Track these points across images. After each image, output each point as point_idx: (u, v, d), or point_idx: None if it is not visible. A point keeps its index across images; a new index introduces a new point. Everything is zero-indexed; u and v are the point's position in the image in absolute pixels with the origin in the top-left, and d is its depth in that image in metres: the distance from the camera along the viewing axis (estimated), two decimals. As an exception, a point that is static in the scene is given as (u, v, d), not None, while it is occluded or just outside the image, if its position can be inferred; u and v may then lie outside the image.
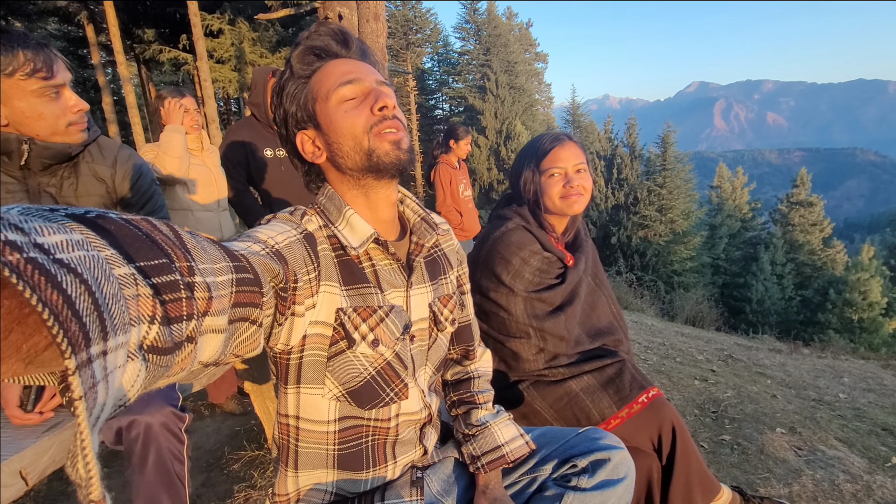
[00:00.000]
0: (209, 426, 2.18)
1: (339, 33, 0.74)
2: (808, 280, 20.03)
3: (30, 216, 0.25)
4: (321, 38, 0.73)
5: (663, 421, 1.14)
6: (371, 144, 0.70)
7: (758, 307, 17.77)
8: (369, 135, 0.70)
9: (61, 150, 1.07)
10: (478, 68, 25.20)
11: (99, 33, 12.64)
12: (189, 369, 0.38)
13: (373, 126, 0.70)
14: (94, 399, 0.25)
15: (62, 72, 1.01)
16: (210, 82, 10.99)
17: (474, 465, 0.86)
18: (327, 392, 0.72)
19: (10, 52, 0.93)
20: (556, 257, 1.25)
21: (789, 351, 4.69)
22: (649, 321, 6.04)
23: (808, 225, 21.87)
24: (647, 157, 20.57)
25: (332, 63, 0.73)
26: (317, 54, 0.73)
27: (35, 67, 0.96)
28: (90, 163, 1.17)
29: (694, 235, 19.11)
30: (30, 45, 0.95)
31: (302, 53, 0.72)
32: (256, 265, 0.49)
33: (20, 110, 0.98)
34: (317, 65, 0.73)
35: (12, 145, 1.01)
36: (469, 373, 0.97)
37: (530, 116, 24.89)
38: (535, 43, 32.91)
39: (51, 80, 0.99)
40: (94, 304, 0.25)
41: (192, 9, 10.33)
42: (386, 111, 0.71)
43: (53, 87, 1.00)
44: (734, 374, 3.05)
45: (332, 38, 0.73)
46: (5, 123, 1.00)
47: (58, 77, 1.00)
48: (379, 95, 0.71)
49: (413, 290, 0.78)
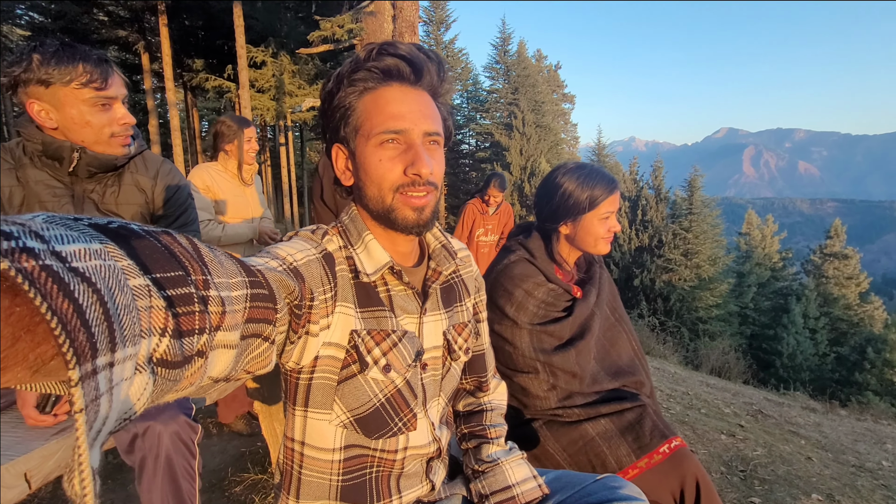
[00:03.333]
0: (215, 445, 2.15)
1: (415, 61, 0.67)
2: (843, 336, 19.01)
3: (52, 224, 0.25)
4: (395, 58, 0.66)
5: (686, 475, 1.06)
6: (393, 203, 0.67)
7: (789, 362, 16.87)
8: (395, 193, 0.67)
9: (108, 160, 1.13)
10: (505, 106, 25.80)
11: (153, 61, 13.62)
12: (199, 384, 0.37)
13: (400, 187, 0.67)
14: (95, 412, 0.24)
15: (116, 86, 1.09)
16: (250, 109, 11.57)
17: None
18: (335, 418, 0.70)
19: (72, 63, 1.01)
20: (562, 290, 1.22)
21: (824, 410, 4.40)
22: (672, 368, 5.79)
23: (844, 278, 20.98)
24: (672, 200, 20.34)
25: (391, 90, 0.67)
26: (384, 71, 0.66)
27: (91, 78, 1.03)
28: (134, 173, 1.23)
29: (721, 282, 18.53)
30: (90, 59, 1.04)
31: (370, 66, 0.66)
32: (272, 281, 0.48)
33: (70, 116, 1.05)
34: (376, 84, 0.67)
35: (65, 152, 1.08)
36: (482, 405, 0.93)
37: (555, 155, 25.13)
38: (562, 84, 33.64)
39: (103, 91, 1.06)
40: (105, 314, 0.24)
41: (240, 41, 11.03)
42: (418, 179, 0.66)
43: (105, 97, 1.07)
44: (764, 431, 2.87)
45: (406, 62, 0.66)
46: (55, 127, 1.07)
47: (111, 90, 1.07)
48: (417, 158, 0.65)
49: (427, 316, 0.76)
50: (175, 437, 1.01)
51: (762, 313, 19.95)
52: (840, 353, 17.55)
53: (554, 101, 31.22)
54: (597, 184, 1.15)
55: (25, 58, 1.00)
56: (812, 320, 18.58)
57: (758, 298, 20.48)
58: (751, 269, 21.06)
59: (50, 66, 1.00)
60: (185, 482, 1.02)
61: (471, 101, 28.04)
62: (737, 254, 22.04)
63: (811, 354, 17.35)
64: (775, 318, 19.19)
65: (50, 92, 1.02)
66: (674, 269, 18.44)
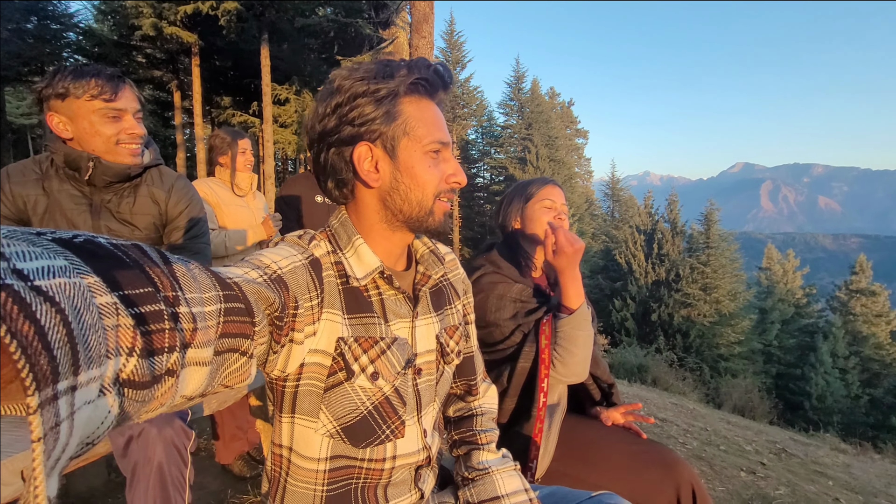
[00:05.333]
0: (217, 466, 2.12)
1: (446, 76, 0.71)
2: (876, 377, 18.07)
3: (13, 240, 0.24)
4: (432, 72, 0.69)
5: (681, 483, 1.03)
6: (433, 207, 0.71)
7: (819, 404, 16.04)
8: (435, 198, 0.71)
9: (121, 170, 1.22)
10: (519, 141, 26.33)
11: (184, 99, 14.43)
12: (170, 403, 0.36)
13: (441, 193, 0.71)
14: (55, 440, 0.23)
15: (126, 99, 1.18)
16: (272, 143, 12.07)
17: None
18: (321, 427, 0.69)
19: (85, 78, 1.12)
20: (532, 287, 1.25)
21: (856, 452, 4.14)
22: (691, 405, 5.56)
23: (872, 316, 20.16)
24: (689, 234, 20.11)
25: (432, 105, 0.71)
26: (432, 84, 0.70)
27: (101, 91, 1.13)
28: (150, 185, 1.31)
29: (742, 318, 17.98)
30: (102, 75, 1.15)
31: (425, 76, 0.69)
32: (250, 294, 0.47)
33: (83, 127, 1.15)
34: (423, 94, 0.70)
35: (82, 161, 1.17)
36: (472, 409, 0.92)
37: (569, 188, 25.32)
38: (576, 120, 34.30)
39: (112, 103, 1.15)
40: (68, 335, 0.23)
41: (266, 80, 11.64)
42: (457, 187, 0.73)
43: (114, 109, 1.16)
44: (788, 471, 2.71)
45: (439, 77, 0.70)
46: (71, 137, 1.17)
47: (119, 102, 1.17)
48: (459, 169, 0.72)
49: (419, 320, 0.76)
50: (168, 443, 1.01)
51: (787, 351, 19.19)
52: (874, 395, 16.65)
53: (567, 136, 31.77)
54: (532, 182, 1.34)
55: (48, 76, 1.14)
56: (841, 360, 17.76)
57: (782, 336, 19.76)
58: (773, 306, 20.45)
59: (66, 80, 1.11)
60: (175, 493, 1.00)
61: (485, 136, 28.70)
62: (758, 289, 21.46)
63: (842, 396, 16.48)
64: (802, 356, 18.43)
65: (66, 104, 1.13)
66: (692, 303, 18.00)
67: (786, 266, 22.52)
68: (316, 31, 12.60)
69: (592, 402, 1.33)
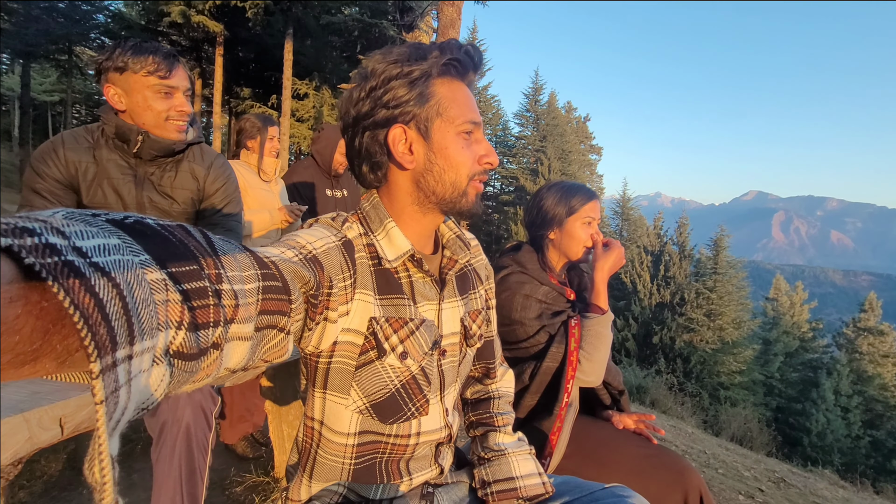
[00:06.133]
0: (220, 444, 2.15)
1: (476, 57, 0.72)
2: (879, 419, 17.74)
3: (72, 220, 0.26)
4: (463, 52, 0.70)
5: (690, 489, 1.05)
6: (466, 188, 0.72)
7: (818, 441, 15.77)
8: (470, 179, 0.72)
9: (166, 145, 1.27)
10: (532, 153, 26.39)
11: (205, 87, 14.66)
12: (215, 375, 0.38)
13: (475, 174, 0.72)
14: (115, 403, 0.25)
15: (179, 77, 1.24)
16: (288, 136, 12.22)
17: (483, 491, 0.82)
18: (351, 403, 0.72)
19: (143, 55, 1.19)
20: (557, 292, 1.28)
21: (855, 490, 4.09)
22: (689, 429, 5.51)
23: (879, 356, 19.84)
24: (697, 259, 19.97)
25: (463, 86, 0.72)
26: (464, 65, 0.71)
27: (157, 68, 1.19)
28: (191, 161, 1.37)
29: (745, 347, 17.77)
30: (159, 52, 1.21)
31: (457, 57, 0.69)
32: (286, 272, 0.49)
33: (136, 101, 1.21)
34: (455, 75, 0.71)
35: (132, 134, 1.23)
36: (489, 392, 0.95)
37: (579, 203, 25.27)
38: (590, 136, 34.32)
39: (165, 80, 1.22)
40: (124, 308, 0.25)
41: (287, 74, 11.81)
42: (489, 168, 0.73)
43: (167, 86, 1.22)
44: (787, 499, 2.69)
45: (470, 58, 0.71)
46: (124, 109, 1.23)
47: (173, 80, 1.23)
48: (491, 150, 0.72)
49: (445, 303, 0.79)
50: (197, 406, 1.04)
51: (789, 385, 18.92)
52: (876, 437, 16.36)
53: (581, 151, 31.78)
54: (576, 194, 1.30)
55: (109, 49, 1.20)
56: (844, 398, 17.48)
57: (785, 369, 19.50)
58: (778, 337, 20.21)
59: (126, 55, 1.17)
60: (199, 455, 1.04)
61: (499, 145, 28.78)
62: (763, 319, 21.24)
63: (843, 435, 16.20)
64: (803, 391, 18.17)
65: (123, 78, 1.19)
66: (696, 329, 17.84)
67: (793, 298, 22.29)
68: (340, 30, 12.78)
69: (603, 406, 1.35)
